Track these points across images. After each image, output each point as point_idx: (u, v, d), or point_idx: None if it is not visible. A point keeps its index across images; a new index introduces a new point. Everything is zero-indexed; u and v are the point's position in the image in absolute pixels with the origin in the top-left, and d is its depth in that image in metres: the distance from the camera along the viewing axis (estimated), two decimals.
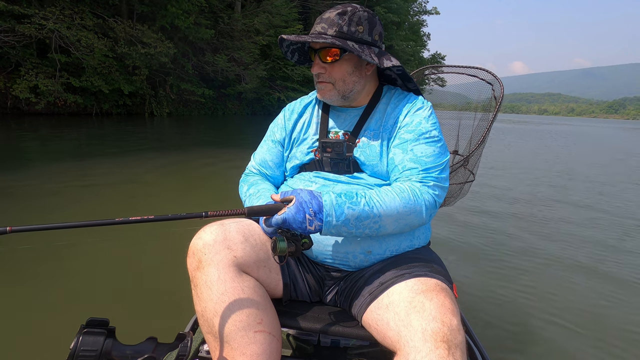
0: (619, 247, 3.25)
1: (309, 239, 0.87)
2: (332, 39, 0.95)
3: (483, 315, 2.04)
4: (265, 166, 1.17)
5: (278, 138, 1.17)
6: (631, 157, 11.02)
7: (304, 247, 0.85)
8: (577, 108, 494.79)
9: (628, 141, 19.76)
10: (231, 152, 7.73)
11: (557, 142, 15.35)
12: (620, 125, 78.28)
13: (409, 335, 0.73)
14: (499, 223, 3.75)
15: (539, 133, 22.43)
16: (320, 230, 0.82)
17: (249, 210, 0.81)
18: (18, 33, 11.85)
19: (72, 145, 7.57)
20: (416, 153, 0.97)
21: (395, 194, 0.88)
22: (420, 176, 0.93)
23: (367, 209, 0.84)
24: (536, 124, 41.56)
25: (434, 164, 0.95)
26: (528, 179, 6.30)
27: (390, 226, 0.88)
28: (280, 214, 0.81)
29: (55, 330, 1.65)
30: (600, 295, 2.34)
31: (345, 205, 0.83)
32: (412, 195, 0.89)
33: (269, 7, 20.41)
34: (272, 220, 0.82)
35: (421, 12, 38.80)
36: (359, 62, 1.02)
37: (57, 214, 3.29)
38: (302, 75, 22.26)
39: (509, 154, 10.22)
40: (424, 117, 1.02)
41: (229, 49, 19.32)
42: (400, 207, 0.86)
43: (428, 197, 0.90)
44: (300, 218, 0.80)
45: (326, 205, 0.82)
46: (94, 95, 15.03)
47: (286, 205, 0.82)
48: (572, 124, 54.60)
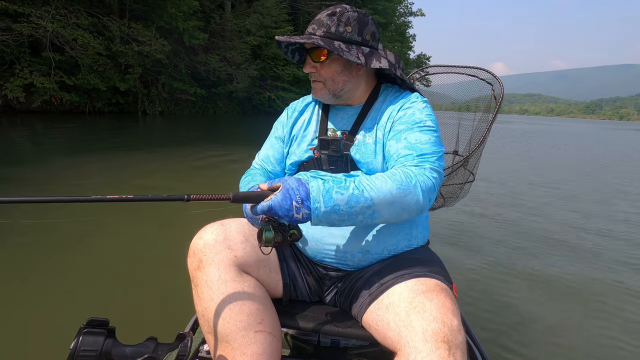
0: (619, 246, 3.26)
1: (298, 229, 0.84)
2: (319, 40, 0.96)
3: (483, 315, 2.04)
4: (267, 162, 1.19)
5: (280, 135, 1.19)
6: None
7: (292, 238, 0.83)
8: (556, 108, 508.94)
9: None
10: (230, 150, 7.89)
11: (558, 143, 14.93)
12: (605, 125, 78.02)
13: (409, 336, 0.73)
14: (499, 223, 3.76)
15: (543, 133, 22.07)
16: (309, 218, 0.79)
17: (234, 195, 0.78)
18: (15, 31, 11.89)
19: (79, 142, 7.76)
20: (410, 140, 0.95)
21: (387, 177, 0.85)
22: (415, 161, 0.91)
23: (357, 193, 0.80)
24: (526, 124, 40.93)
25: (430, 151, 0.93)
26: (529, 180, 6.34)
27: (385, 211, 0.83)
28: (266, 201, 0.77)
29: (55, 330, 1.65)
30: (601, 296, 2.35)
31: (333, 190, 0.79)
32: (406, 177, 0.85)
33: (260, 8, 20.75)
34: (257, 207, 0.79)
35: (407, 13, 39.56)
36: (347, 62, 1.02)
37: (50, 212, 3.19)
38: (293, 75, 22.69)
39: (519, 157, 9.92)
40: (418, 108, 1.01)
41: (221, 49, 19.58)
42: (393, 189, 0.82)
43: (423, 179, 0.86)
44: (287, 205, 0.77)
45: (313, 191, 0.78)
46: (87, 93, 15.11)
47: (273, 193, 0.79)
48: (561, 124, 54.89)
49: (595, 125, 71.52)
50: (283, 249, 1.04)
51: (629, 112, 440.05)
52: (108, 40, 14.35)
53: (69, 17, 13.10)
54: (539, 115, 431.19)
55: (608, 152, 13.33)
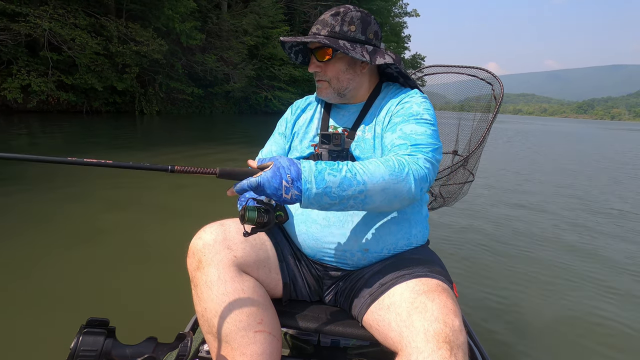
0: (620, 246, 3.27)
1: (284, 211, 0.83)
2: (324, 39, 0.98)
3: (483, 315, 2.03)
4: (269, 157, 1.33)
5: (283, 131, 1.21)
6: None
7: (278, 220, 0.82)
8: (549, 108, 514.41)
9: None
10: (228, 149, 7.89)
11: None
12: (598, 125, 77.47)
13: (410, 336, 0.73)
14: (499, 223, 3.73)
15: (548, 134, 21.72)
16: (299, 200, 0.76)
17: (220, 170, 0.75)
18: (13, 31, 11.91)
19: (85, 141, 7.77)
20: (405, 131, 0.95)
21: (380, 162, 0.83)
22: (408, 150, 0.90)
23: (350, 176, 0.78)
24: (520, 124, 40.54)
25: (425, 142, 0.92)
26: (530, 180, 6.34)
27: (377, 197, 0.81)
28: (255, 177, 0.75)
29: (55, 330, 1.65)
30: (601, 296, 2.35)
31: (326, 172, 0.77)
32: (398, 164, 0.83)
33: (257, 8, 20.88)
34: (244, 183, 0.75)
35: (402, 13, 39.79)
36: (352, 61, 1.04)
37: (51, 212, 3.24)
38: (289, 75, 22.88)
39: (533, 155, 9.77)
40: (416, 102, 1.01)
41: (218, 49, 19.68)
42: (385, 174, 0.80)
43: (416, 167, 0.85)
44: (276, 184, 0.74)
45: (304, 171, 0.76)
46: (84, 93, 15.14)
47: (262, 171, 0.77)
48: (554, 124, 54.55)
49: (589, 125, 71.71)
50: (283, 249, 1.05)
51: (620, 112, 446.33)
52: (106, 40, 14.41)
53: (67, 17, 13.14)
54: (532, 115, 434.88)
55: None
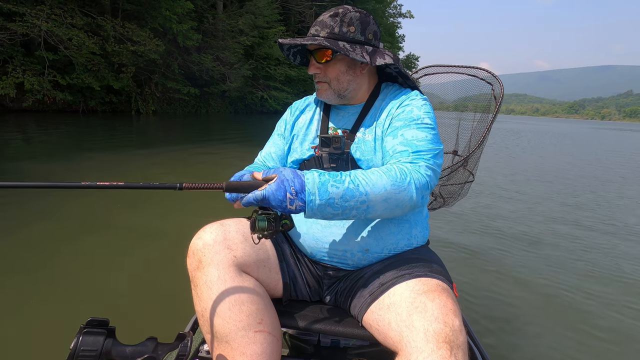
0: (621, 246, 3.29)
1: (290, 219, 0.85)
2: (323, 41, 0.97)
3: (483, 315, 2.03)
4: (269, 158, 1.19)
5: (282, 132, 1.20)
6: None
7: (284, 228, 0.84)
8: (541, 108, 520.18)
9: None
10: (224, 148, 7.99)
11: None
12: (590, 125, 77.51)
13: (410, 336, 0.73)
14: (499, 223, 3.74)
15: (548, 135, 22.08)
16: (302, 210, 0.78)
17: (227, 185, 0.77)
18: (10, 30, 11.89)
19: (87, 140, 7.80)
20: (406, 137, 0.95)
21: (382, 172, 0.84)
22: (410, 158, 0.90)
23: (352, 187, 0.79)
24: (514, 124, 40.69)
25: (425, 148, 0.92)
26: (530, 180, 6.36)
27: (379, 207, 0.82)
28: (260, 190, 0.77)
29: (55, 330, 1.64)
30: (601, 296, 2.36)
31: (329, 184, 0.78)
32: (400, 173, 0.84)
33: (252, 8, 20.96)
34: (250, 196, 0.77)
35: (396, 14, 40.10)
36: (352, 62, 1.03)
37: (51, 211, 3.29)
38: (285, 75, 23.04)
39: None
40: (416, 105, 1.01)
41: (214, 49, 19.74)
42: (387, 184, 0.82)
43: (418, 176, 0.86)
44: (281, 196, 0.76)
45: (308, 183, 0.78)
46: (80, 92, 15.11)
47: (267, 183, 0.78)
48: (547, 124, 54.51)
49: (581, 125, 72.12)
50: (283, 249, 1.06)
51: (610, 112, 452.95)
52: (103, 40, 14.39)
53: (64, 17, 13.13)
54: (524, 115, 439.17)
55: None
